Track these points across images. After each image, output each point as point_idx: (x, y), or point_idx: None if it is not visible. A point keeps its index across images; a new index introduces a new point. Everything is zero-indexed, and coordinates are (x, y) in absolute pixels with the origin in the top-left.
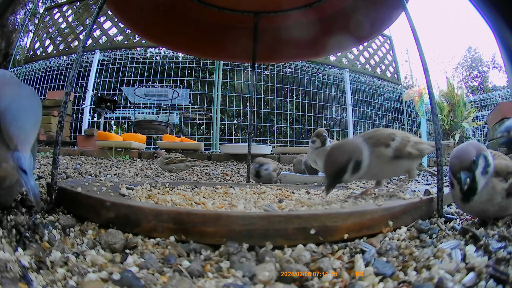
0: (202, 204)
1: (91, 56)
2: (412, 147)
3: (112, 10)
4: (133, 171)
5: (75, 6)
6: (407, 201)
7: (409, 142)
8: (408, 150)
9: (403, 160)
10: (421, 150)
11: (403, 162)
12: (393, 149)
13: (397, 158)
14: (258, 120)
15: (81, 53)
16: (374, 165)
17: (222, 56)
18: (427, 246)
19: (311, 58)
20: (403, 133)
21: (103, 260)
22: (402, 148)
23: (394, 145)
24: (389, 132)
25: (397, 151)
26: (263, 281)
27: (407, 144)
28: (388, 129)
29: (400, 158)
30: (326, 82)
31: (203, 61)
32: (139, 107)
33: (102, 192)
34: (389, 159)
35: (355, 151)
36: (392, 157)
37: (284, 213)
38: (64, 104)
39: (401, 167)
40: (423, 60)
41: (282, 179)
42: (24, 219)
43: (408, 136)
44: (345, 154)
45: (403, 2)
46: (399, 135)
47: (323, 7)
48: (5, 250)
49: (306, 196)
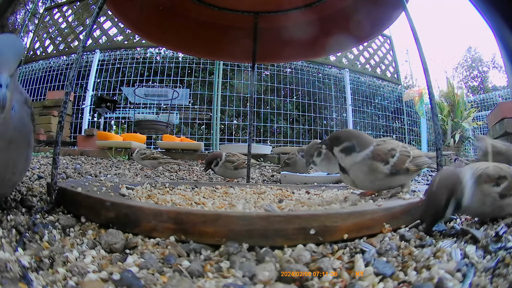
0: (202, 204)
1: (91, 56)
2: (410, 163)
3: (112, 10)
4: (133, 171)
5: (75, 6)
6: (407, 201)
7: (408, 157)
8: (406, 167)
9: (400, 175)
10: (419, 165)
11: (399, 178)
12: (391, 166)
13: (394, 174)
14: (258, 120)
15: (81, 53)
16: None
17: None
18: (427, 246)
19: (311, 58)
20: (402, 148)
21: (103, 260)
22: (400, 165)
23: (393, 162)
24: (389, 147)
25: (394, 167)
26: (263, 281)
27: (406, 160)
28: (391, 143)
29: (397, 174)
30: (326, 82)
31: (203, 61)
32: (139, 107)
33: (102, 192)
34: (385, 176)
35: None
36: (388, 174)
37: (284, 213)
38: (64, 104)
39: (397, 182)
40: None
41: (282, 179)
42: (24, 219)
43: (408, 151)
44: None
45: (403, 2)
46: (398, 150)
47: (323, 7)
48: (5, 250)
49: (306, 196)
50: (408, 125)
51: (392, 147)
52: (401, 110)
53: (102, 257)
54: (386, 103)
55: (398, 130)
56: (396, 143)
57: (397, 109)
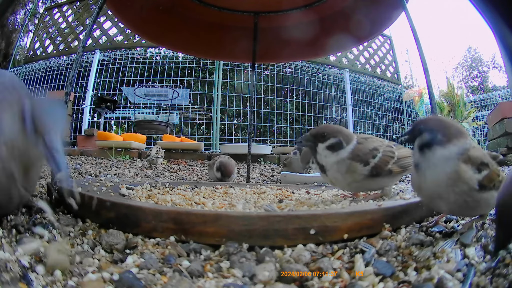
0: (202, 204)
1: (91, 56)
2: (393, 164)
3: (112, 10)
4: (133, 171)
5: (75, 6)
6: (407, 201)
7: (392, 158)
8: (389, 168)
9: (381, 178)
10: (404, 167)
11: (381, 180)
12: (371, 168)
13: (374, 176)
14: (258, 120)
15: (81, 53)
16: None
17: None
18: (427, 246)
19: (311, 58)
20: (386, 147)
21: (103, 260)
22: (382, 166)
23: (373, 163)
24: (372, 147)
25: (375, 169)
26: (263, 281)
27: (389, 161)
28: (374, 142)
29: (378, 176)
30: (326, 82)
31: (203, 61)
32: (139, 107)
33: (102, 192)
34: (364, 177)
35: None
36: (367, 176)
37: (284, 213)
38: (64, 104)
39: (377, 184)
40: (423, 60)
41: (282, 179)
42: (24, 219)
43: (393, 151)
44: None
45: (403, 2)
46: (381, 150)
47: (323, 7)
48: (5, 250)
49: (306, 196)
50: (408, 125)
51: (375, 146)
52: (401, 110)
53: (102, 257)
54: (386, 103)
55: (398, 130)
56: (379, 142)
57: (397, 109)
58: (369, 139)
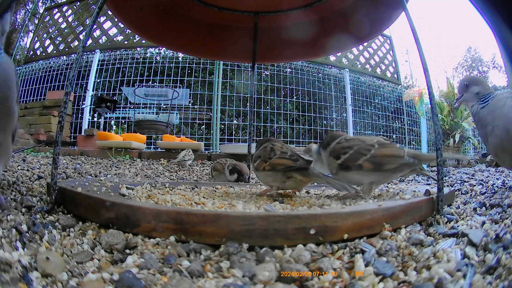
0: (202, 204)
1: (91, 56)
2: (365, 161)
3: (112, 10)
4: (133, 171)
5: (75, 6)
6: (407, 201)
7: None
8: (359, 163)
9: (354, 172)
10: (378, 163)
11: (355, 174)
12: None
13: (346, 169)
14: (258, 120)
15: (81, 53)
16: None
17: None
18: (427, 246)
19: (311, 58)
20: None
21: (103, 260)
22: (351, 161)
23: (343, 158)
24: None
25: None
26: (263, 281)
27: (359, 157)
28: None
29: (350, 170)
30: (326, 82)
31: (203, 61)
32: (139, 107)
33: (102, 192)
34: (338, 169)
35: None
36: (340, 168)
37: (284, 213)
38: (64, 104)
39: (354, 178)
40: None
41: None
42: (24, 219)
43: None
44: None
45: (403, 2)
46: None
47: (323, 7)
48: (5, 250)
49: (306, 196)
50: (408, 125)
51: (350, 145)
52: (401, 110)
53: (102, 257)
54: (386, 103)
55: (398, 130)
56: (359, 142)
57: (397, 109)
58: (350, 140)
